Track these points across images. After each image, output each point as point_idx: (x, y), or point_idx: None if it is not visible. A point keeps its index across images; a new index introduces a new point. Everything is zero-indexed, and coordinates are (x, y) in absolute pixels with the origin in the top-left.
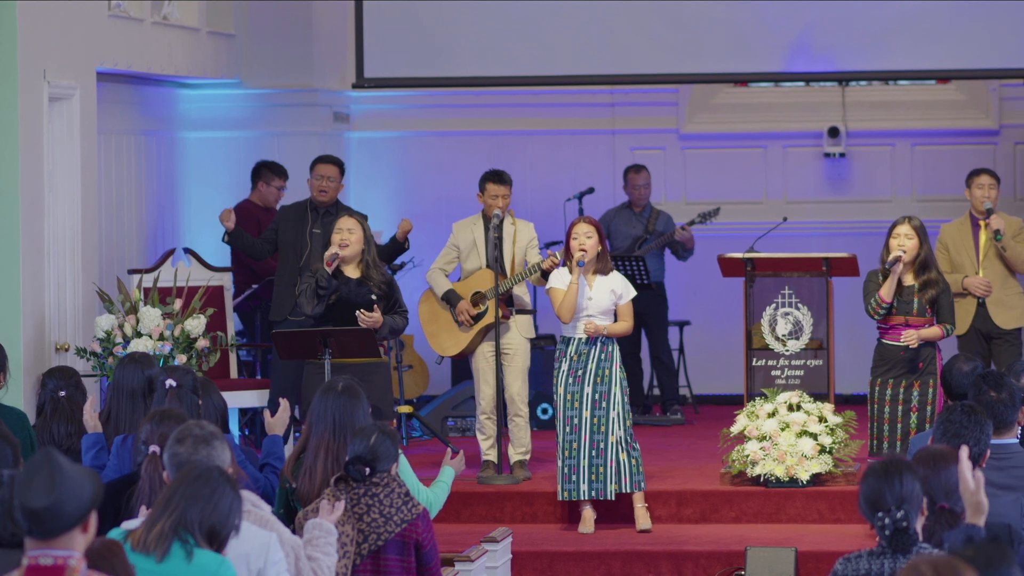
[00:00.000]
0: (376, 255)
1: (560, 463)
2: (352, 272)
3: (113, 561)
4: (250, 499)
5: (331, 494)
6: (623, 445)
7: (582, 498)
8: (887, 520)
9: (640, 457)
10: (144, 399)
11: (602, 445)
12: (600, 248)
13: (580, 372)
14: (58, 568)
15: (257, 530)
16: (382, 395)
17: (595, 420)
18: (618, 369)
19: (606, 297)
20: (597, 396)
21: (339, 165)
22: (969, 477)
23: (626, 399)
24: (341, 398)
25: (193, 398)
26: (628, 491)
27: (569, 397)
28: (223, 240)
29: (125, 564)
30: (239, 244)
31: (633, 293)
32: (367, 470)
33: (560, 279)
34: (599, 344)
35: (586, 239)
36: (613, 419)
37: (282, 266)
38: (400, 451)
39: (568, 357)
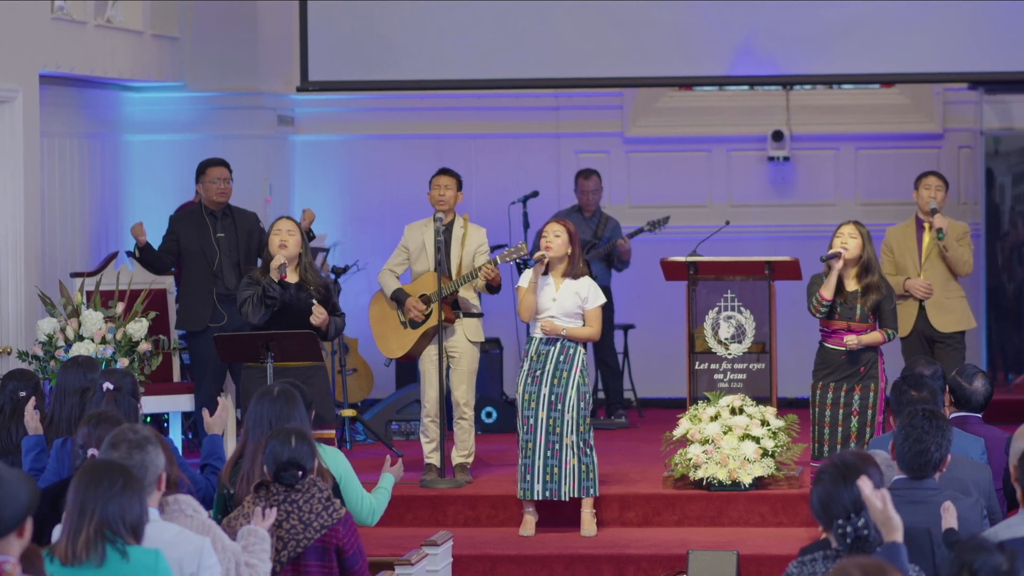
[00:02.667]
0: (311, 258)
1: (519, 462)
2: (290, 276)
3: (34, 568)
4: (190, 504)
5: (251, 501)
6: (575, 449)
7: (536, 498)
8: (848, 528)
9: (594, 463)
10: (84, 402)
11: (557, 446)
12: (570, 251)
13: (539, 372)
14: None
15: (191, 534)
16: (322, 398)
17: (551, 421)
18: (578, 373)
19: (571, 300)
20: (553, 397)
21: (228, 166)
22: (875, 499)
23: (583, 404)
24: (277, 402)
25: (132, 401)
26: (578, 496)
27: (527, 397)
28: (130, 254)
29: (43, 572)
30: (147, 259)
31: (602, 299)
32: (299, 473)
33: (524, 279)
34: (559, 345)
35: (554, 237)
36: (568, 421)
37: (189, 274)
38: (344, 456)
39: (529, 357)
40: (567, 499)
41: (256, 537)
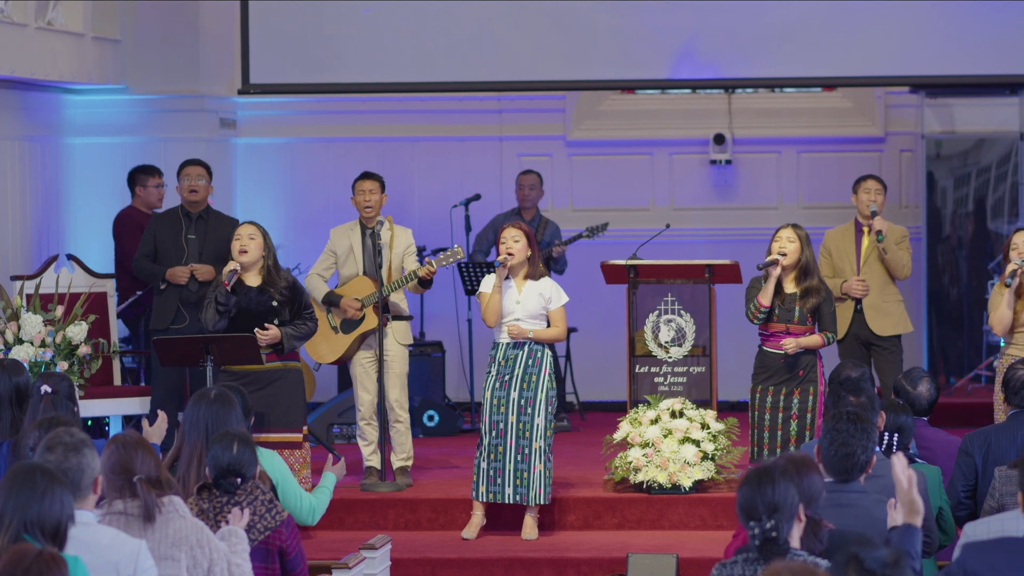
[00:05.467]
0: (276, 261)
1: (484, 465)
2: (252, 280)
3: None
4: (183, 506)
5: (194, 503)
6: (541, 455)
7: (507, 501)
8: (757, 529)
9: (552, 471)
10: (12, 406)
11: (527, 451)
12: (530, 253)
13: (507, 377)
14: None
15: (126, 537)
16: (290, 401)
17: (521, 425)
18: (546, 376)
19: (534, 302)
20: (523, 402)
21: (206, 167)
22: (903, 476)
23: (551, 408)
24: (214, 406)
25: (68, 404)
26: (539, 503)
27: (496, 402)
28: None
29: None
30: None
31: (565, 299)
32: (238, 480)
33: (487, 285)
34: (527, 349)
35: (513, 243)
36: (537, 426)
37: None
38: (281, 458)
39: (497, 362)
40: (535, 504)
41: (237, 537)
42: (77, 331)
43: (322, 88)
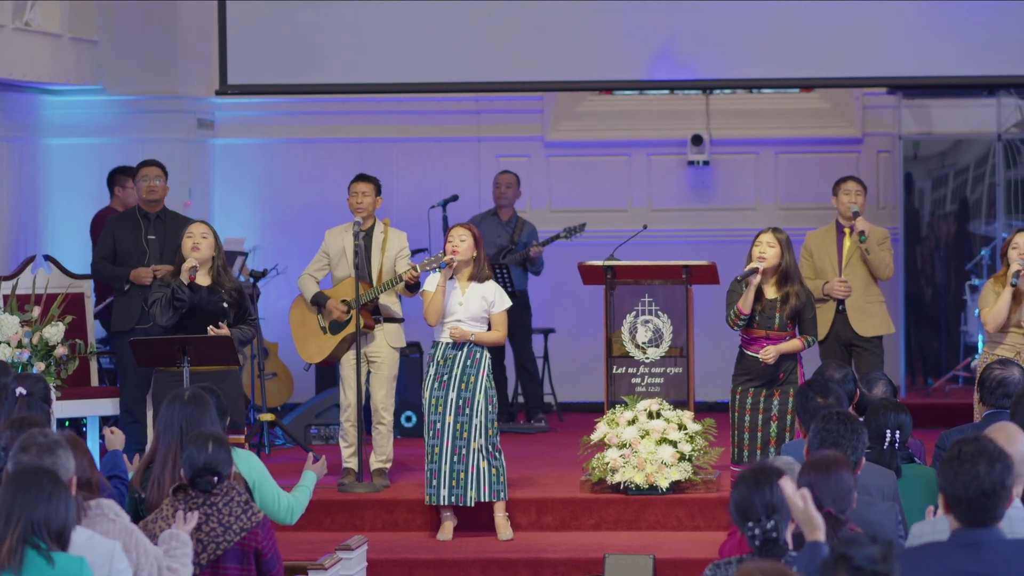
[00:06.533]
0: (225, 263)
1: (426, 467)
2: (203, 279)
3: None
4: (112, 508)
5: (170, 504)
6: (484, 453)
7: (442, 503)
8: (757, 530)
9: (503, 467)
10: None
11: (464, 451)
12: (475, 254)
13: (445, 377)
14: None
15: (100, 539)
16: (232, 402)
17: (458, 426)
18: (485, 377)
19: (477, 304)
20: (461, 402)
21: (163, 167)
22: (796, 499)
23: (491, 408)
24: (188, 407)
25: (43, 406)
26: (488, 500)
27: (434, 402)
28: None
29: None
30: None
31: (508, 303)
32: (215, 479)
33: (432, 283)
34: (466, 349)
35: (459, 242)
36: (476, 426)
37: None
38: (258, 458)
39: (436, 362)
40: (472, 504)
41: (178, 541)
42: (54, 332)
43: (300, 89)
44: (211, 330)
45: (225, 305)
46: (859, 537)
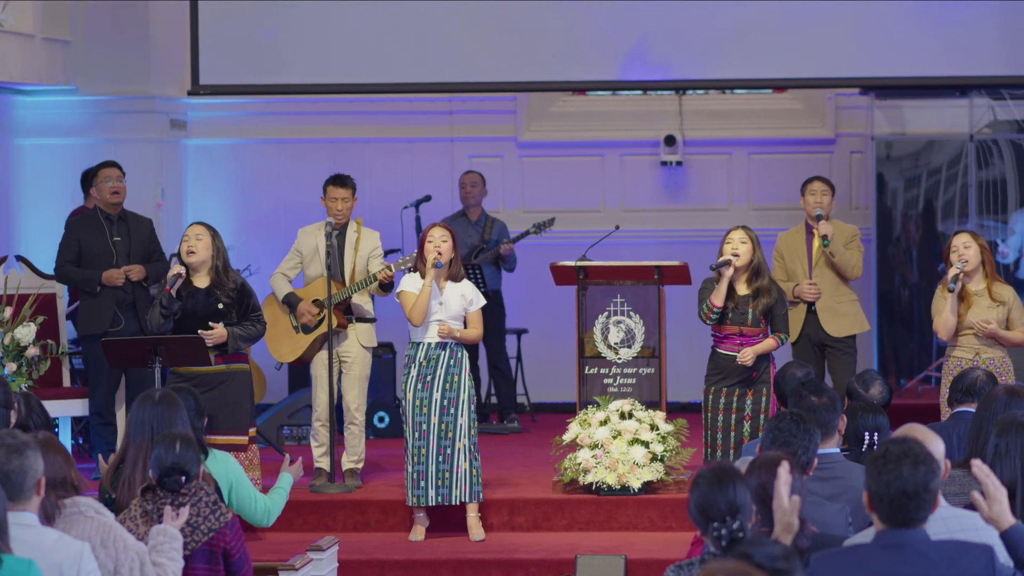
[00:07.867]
0: (227, 262)
1: (409, 468)
2: (201, 281)
3: None
4: (91, 506)
5: (138, 504)
6: (466, 453)
7: (430, 503)
8: (723, 531)
9: (480, 468)
10: None
11: (449, 451)
12: (454, 254)
13: (429, 378)
14: None
15: (70, 540)
16: (239, 402)
17: (443, 426)
18: (467, 376)
19: (457, 302)
20: (446, 402)
21: (120, 167)
22: (785, 496)
23: (473, 407)
24: (158, 407)
25: (3, 412)
26: (466, 501)
27: (418, 403)
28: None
29: None
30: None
31: (483, 301)
32: (182, 479)
33: (411, 284)
34: (448, 349)
35: (441, 242)
36: (461, 426)
37: None
38: (235, 460)
39: (418, 362)
40: (459, 503)
41: (167, 536)
42: (26, 332)
43: (272, 89)
44: (202, 333)
45: (220, 306)
46: (761, 538)
